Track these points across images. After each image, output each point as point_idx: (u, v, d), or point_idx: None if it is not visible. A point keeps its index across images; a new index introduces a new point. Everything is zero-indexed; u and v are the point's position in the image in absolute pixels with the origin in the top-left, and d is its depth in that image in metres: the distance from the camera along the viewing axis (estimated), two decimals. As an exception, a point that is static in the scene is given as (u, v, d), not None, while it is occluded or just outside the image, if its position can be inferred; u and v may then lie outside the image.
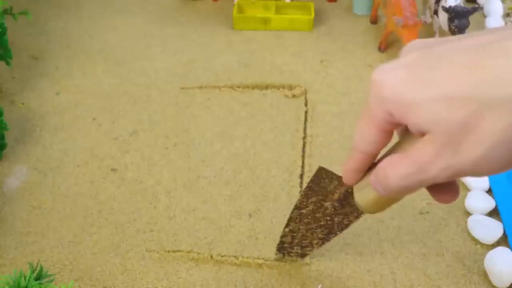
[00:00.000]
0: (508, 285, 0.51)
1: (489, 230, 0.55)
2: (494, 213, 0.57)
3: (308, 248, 0.51)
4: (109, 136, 0.68)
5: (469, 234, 0.56)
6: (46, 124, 0.70)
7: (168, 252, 0.55)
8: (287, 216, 0.56)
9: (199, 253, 0.55)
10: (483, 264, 0.53)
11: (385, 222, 0.58)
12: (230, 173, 0.63)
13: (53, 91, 0.74)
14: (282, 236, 0.52)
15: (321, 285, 0.52)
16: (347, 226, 0.47)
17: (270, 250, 0.55)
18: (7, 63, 0.71)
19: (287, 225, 0.50)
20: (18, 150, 0.66)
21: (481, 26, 0.83)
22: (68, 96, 0.74)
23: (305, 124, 0.69)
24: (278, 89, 0.74)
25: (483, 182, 0.60)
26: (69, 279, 0.53)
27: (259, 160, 0.65)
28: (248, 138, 0.68)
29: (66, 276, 0.53)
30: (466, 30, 0.72)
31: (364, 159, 0.38)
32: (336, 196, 0.45)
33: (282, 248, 0.53)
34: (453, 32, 0.72)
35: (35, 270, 0.43)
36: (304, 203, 0.48)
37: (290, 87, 0.74)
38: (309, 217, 0.48)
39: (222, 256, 0.55)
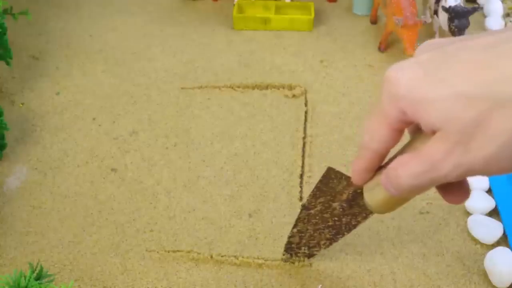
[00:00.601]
0: (508, 285, 0.51)
1: (489, 230, 0.55)
2: (494, 213, 0.57)
3: (316, 249, 0.51)
4: (109, 136, 0.68)
5: (469, 234, 0.56)
6: (46, 124, 0.70)
7: (168, 252, 0.55)
8: (287, 216, 0.56)
9: (199, 253, 0.55)
10: (483, 264, 0.53)
11: (385, 222, 0.58)
12: (230, 173, 0.63)
13: (53, 91, 0.74)
14: (290, 237, 0.52)
15: (321, 285, 0.52)
16: (355, 226, 0.47)
17: (270, 250, 0.55)
18: (7, 63, 0.71)
19: (295, 226, 0.50)
20: (18, 150, 0.66)
21: (481, 26, 0.83)
22: (68, 96, 0.74)
23: (305, 124, 0.69)
24: (278, 89, 0.74)
25: (483, 182, 0.60)
26: (69, 279, 0.53)
27: (259, 160, 0.65)
28: (248, 138, 0.68)
29: (66, 276, 0.53)
30: (466, 30, 0.72)
31: (374, 158, 0.38)
32: (344, 196, 0.45)
33: (290, 249, 0.53)
34: (453, 32, 0.72)
35: (35, 270, 0.43)
36: (313, 204, 0.48)
37: (290, 87, 0.74)
38: (317, 217, 0.48)
39: (222, 256, 0.55)
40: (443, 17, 0.74)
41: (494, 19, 0.83)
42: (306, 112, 0.71)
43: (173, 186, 0.62)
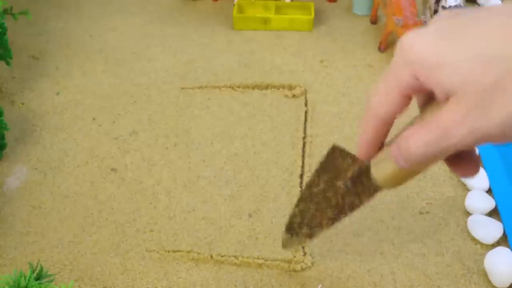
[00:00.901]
0: (508, 285, 0.51)
1: (489, 230, 0.55)
2: (494, 213, 0.57)
3: (318, 229, 0.49)
4: (109, 136, 0.68)
5: (469, 234, 0.56)
6: (46, 124, 0.70)
7: (168, 252, 0.55)
8: (287, 216, 0.56)
9: (199, 253, 0.55)
10: (483, 264, 0.53)
11: (385, 222, 0.58)
12: (230, 173, 0.63)
13: (53, 91, 0.74)
14: (291, 216, 0.50)
15: (321, 285, 0.52)
16: (358, 206, 0.46)
17: (270, 250, 0.55)
18: (7, 63, 0.71)
19: (297, 205, 0.49)
20: (18, 150, 0.66)
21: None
22: (68, 96, 0.74)
23: (305, 124, 0.69)
24: (278, 89, 0.74)
25: (483, 182, 0.60)
26: (69, 279, 0.53)
27: (259, 160, 0.65)
28: (248, 138, 0.68)
29: (66, 276, 0.53)
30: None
31: (380, 126, 0.37)
32: (349, 174, 0.44)
33: (291, 229, 0.51)
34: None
35: (35, 270, 0.43)
36: (316, 182, 0.47)
37: (290, 87, 0.74)
38: (320, 196, 0.47)
39: (222, 256, 0.55)
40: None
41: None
42: (306, 112, 0.71)
43: (173, 186, 0.62)
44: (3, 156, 0.65)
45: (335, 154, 0.45)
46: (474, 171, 0.37)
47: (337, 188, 0.46)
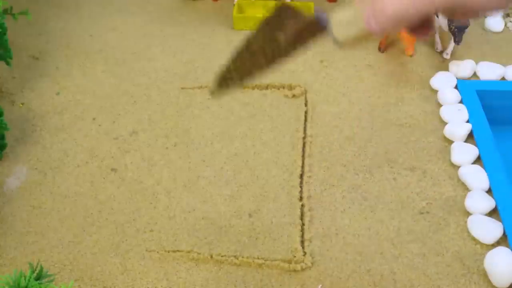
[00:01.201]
0: (508, 285, 0.51)
1: (489, 230, 0.55)
2: (494, 213, 0.57)
3: (248, 78, 0.47)
4: (109, 136, 0.68)
5: (469, 234, 0.56)
6: (46, 124, 0.70)
7: (168, 252, 0.55)
8: (287, 216, 0.56)
9: (199, 253, 0.55)
10: (483, 264, 0.53)
11: (385, 222, 0.58)
12: (230, 173, 0.63)
13: (53, 91, 0.74)
14: (225, 69, 0.48)
15: (321, 285, 0.52)
16: (292, 55, 0.44)
17: (270, 250, 0.55)
18: (7, 63, 0.71)
19: (233, 60, 0.47)
20: (18, 150, 0.66)
21: (481, 26, 0.83)
22: (68, 96, 0.74)
23: (305, 124, 0.69)
24: (278, 89, 0.74)
25: (483, 182, 0.60)
26: (69, 279, 0.53)
27: (259, 160, 0.65)
28: (248, 138, 0.68)
29: (66, 276, 0.53)
30: (466, 30, 0.72)
31: None
32: (292, 29, 0.43)
33: (222, 80, 0.48)
34: (453, 33, 0.72)
35: (35, 270, 0.43)
36: (256, 37, 0.45)
37: (290, 87, 0.74)
38: (258, 51, 0.46)
39: (222, 256, 0.55)
40: (443, 17, 0.74)
41: (494, 19, 0.83)
42: (306, 112, 0.71)
43: (173, 186, 0.62)
44: (3, 156, 0.65)
45: (282, 11, 0.44)
46: (428, 31, 0.36)
47: (276, 41, 0.44)
